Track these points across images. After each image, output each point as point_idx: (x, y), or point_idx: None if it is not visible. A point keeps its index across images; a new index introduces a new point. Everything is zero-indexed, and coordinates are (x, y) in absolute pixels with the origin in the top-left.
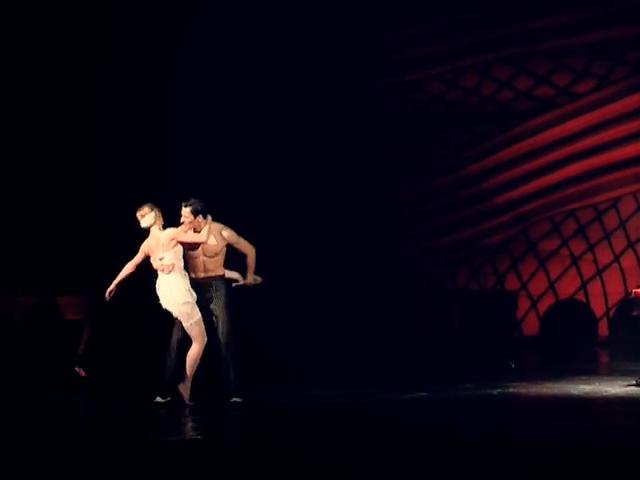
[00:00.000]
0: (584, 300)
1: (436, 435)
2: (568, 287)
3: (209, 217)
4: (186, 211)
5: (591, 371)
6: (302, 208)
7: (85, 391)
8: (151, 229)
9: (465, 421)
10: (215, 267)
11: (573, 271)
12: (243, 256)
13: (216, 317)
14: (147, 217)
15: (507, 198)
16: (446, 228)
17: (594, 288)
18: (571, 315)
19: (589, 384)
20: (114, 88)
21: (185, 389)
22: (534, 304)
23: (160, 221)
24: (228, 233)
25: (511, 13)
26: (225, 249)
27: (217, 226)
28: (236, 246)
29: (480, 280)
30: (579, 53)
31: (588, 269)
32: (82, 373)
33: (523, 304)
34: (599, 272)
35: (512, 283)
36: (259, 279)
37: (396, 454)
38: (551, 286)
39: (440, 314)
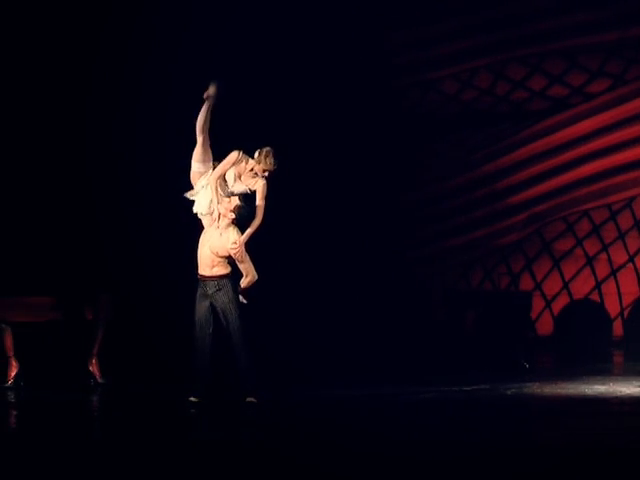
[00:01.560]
0: (598, 300)
1: (447, 435)
2: (582, 287)
3: None
4: None
5: (605, 371)
6: (314, 208)
7: (98, 391)
8: None
9: (478, 421)
10: None
11: (587, 271)
12: None
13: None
14: None
15: (521, 198)
16: (460, 228)
17: (608, 288)
18: (585, 315)
19: (603, 384)
20: (114, 88)
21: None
22: (548, 304)
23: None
24: None
25: (525, 13)
26: None
27: None
28: None
29: (494, 280)
30: (593, 53)
31: (602, 269)
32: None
33: (537, 304)
34: (613, 272)
35: (526, 283)
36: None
37: (405, 454)
38: (565, 286)
39: (454, 314)
